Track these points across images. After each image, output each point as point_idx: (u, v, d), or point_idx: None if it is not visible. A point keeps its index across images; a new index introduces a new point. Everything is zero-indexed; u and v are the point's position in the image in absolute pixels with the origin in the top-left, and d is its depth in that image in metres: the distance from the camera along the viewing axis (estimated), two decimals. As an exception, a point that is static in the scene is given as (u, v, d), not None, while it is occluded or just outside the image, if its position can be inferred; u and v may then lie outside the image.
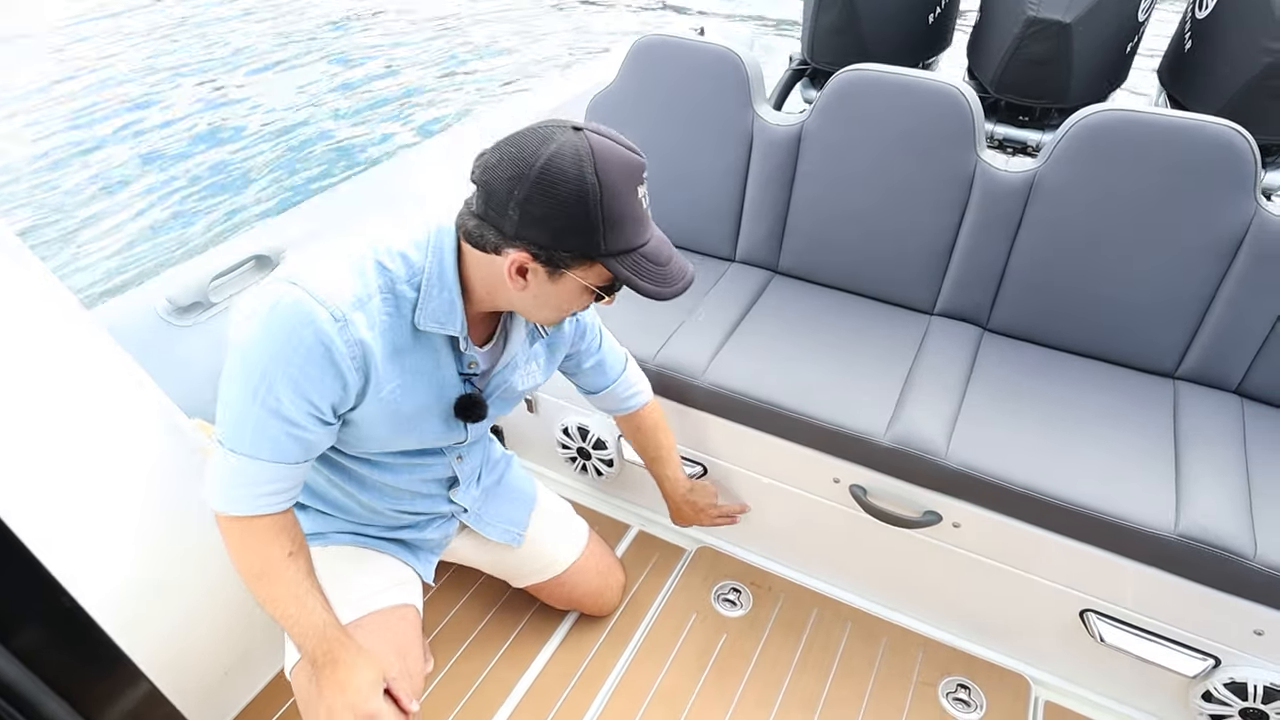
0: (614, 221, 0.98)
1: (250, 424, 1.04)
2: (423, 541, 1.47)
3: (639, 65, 2.03)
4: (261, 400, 1.02)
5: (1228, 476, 1.47)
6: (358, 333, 1.03)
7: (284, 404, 1.03)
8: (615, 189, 0.97)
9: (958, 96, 1.72)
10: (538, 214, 0.97)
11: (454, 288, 1.09)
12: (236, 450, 1.06)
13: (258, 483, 1.09)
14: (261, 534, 1.13)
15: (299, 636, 1.17)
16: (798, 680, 1.72)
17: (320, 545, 1.36)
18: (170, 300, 1.68)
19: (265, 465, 1.07)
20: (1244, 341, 1.64)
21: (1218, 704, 1.51)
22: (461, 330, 1.12)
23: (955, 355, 1.77)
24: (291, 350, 1.00)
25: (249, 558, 1.14)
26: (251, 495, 1.10)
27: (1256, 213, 1.55)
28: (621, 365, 1.56)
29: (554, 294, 1.07)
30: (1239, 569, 1.36)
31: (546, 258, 1.01)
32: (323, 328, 1.00)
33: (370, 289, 1.05)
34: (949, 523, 1.62)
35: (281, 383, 1.01)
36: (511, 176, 0.97)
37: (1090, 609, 1.57)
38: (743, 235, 2.08)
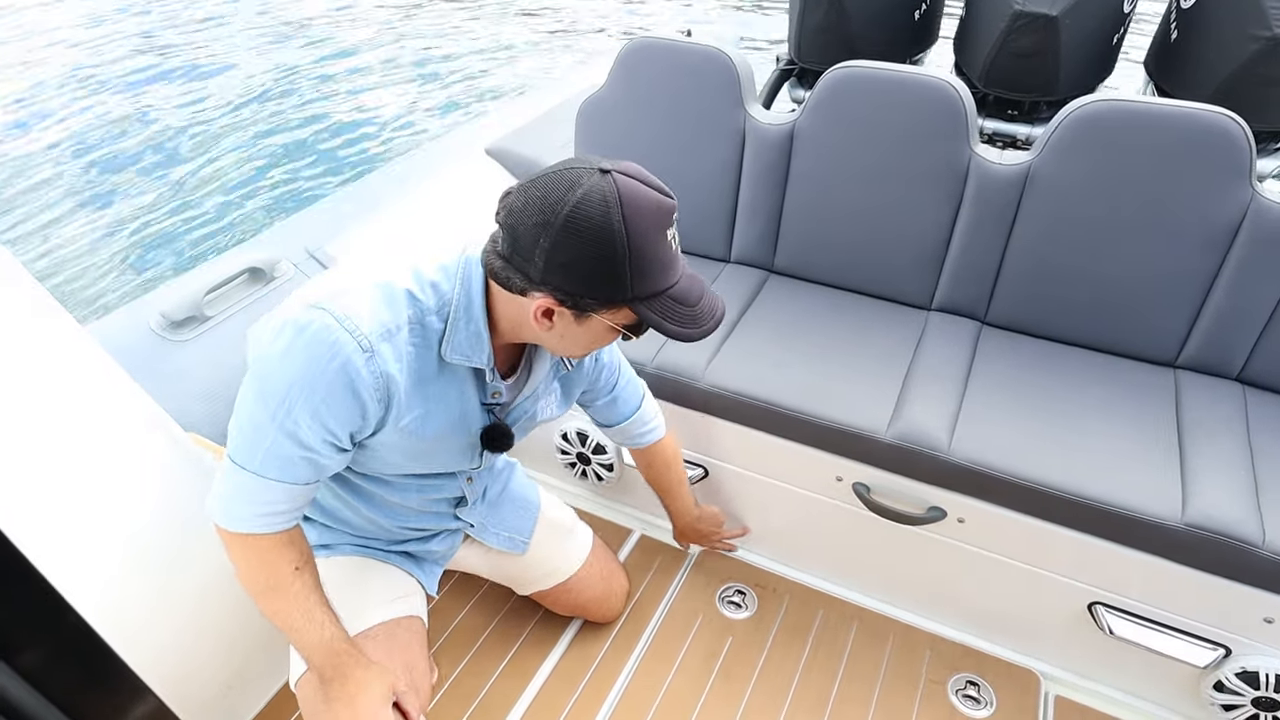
0: (641, 268, 0.96)
1: (265, 444, 1.02)
2: (428, 553, 1.46)
3: (629, 68, 2.02)
4: (280, 423, 1.00)
5: (1233, 464, 1.47)
6: (384, 365, 1.02)
7: (301, 429, 1.01)
8: (644, 235, 0.95)
9: (950, 91, 1.72)
10: (563, 261, 0.95)
11: (481, 320, 1.07)
12: (246, 467, 1.05)
13: (263, 501, 1.07)
14: (267, 550, 1.11)
15: (306, 650, 1.16)
16: (805, 681, 1.70)
17: (326, 556, 1.35)
18: (164, 315, 1.67)
19: (273, 484, 1.06)
20: (1244, 328, 1.64)
21: (1230, 694, 1.50)
22: (488, 363, 1.11)
23: (954, 350, 1.76)
24: (316, 377, 0.99)
25: (254, 573, 1.12)
26: (256, 514, 1.08)
27: (1253, 199, 1.55)
28: (638, 401, 1.55)
29: (580, 334, 1.05)
30: (1247, 557, 1.35)
31: (573, 303, 0.99)
32: (350, 358, 0.99)
33: (400, 320, 1.04)
34: (953, 519, 1.61)
35: (302, 408, 1.00)
36: (537, 223, 0.94)
37: (1098, 601, 1.56)
38: (737, 236, 2.07)
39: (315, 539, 1.35)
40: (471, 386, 1.16)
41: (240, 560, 1.12)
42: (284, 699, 1.67)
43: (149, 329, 1.66)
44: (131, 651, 1.30)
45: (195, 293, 1.68)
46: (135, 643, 1.32)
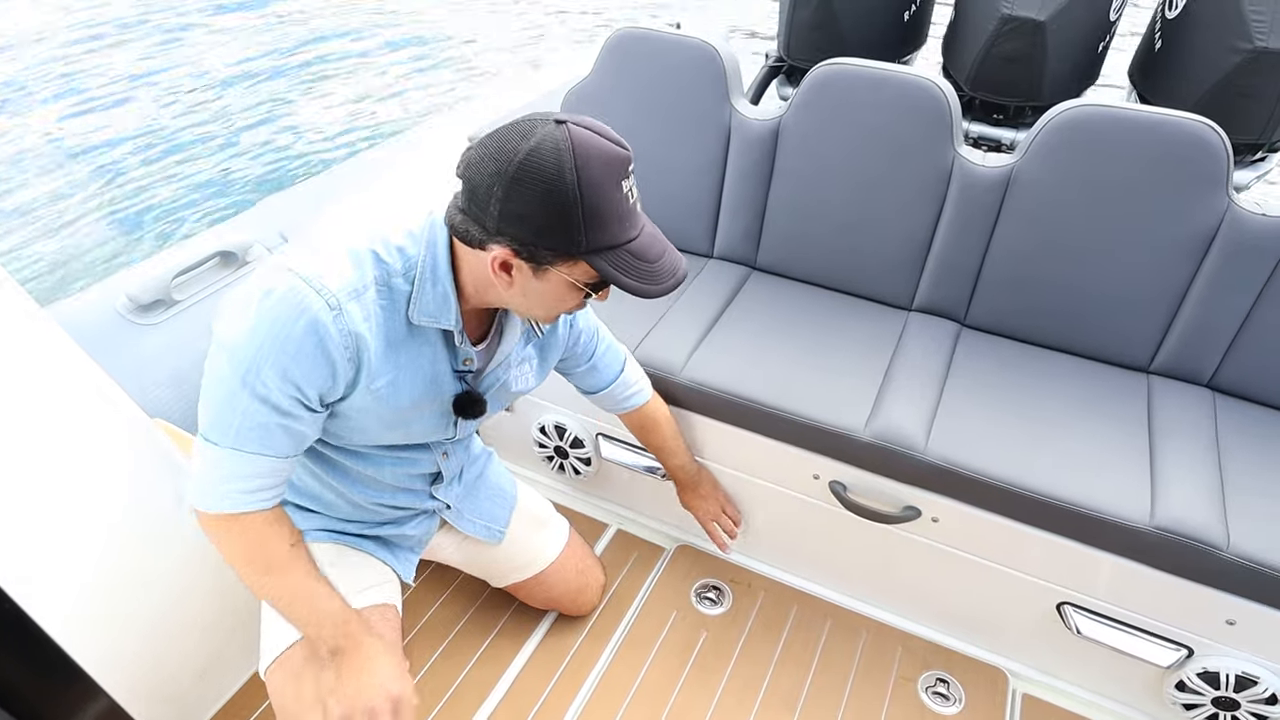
0: (595, 218, 0.96)
1: (237, 414, 1.01)
2: (403, 539, 1.45)
3: (615, 58, 2.01)
4: (250, 388, 0.99)
5: (1201, 469, 1.49)
6: (352, 324, 1.01)
7: (272, 391, 1.00)
8: (596, 184, 0.95)
9: (935, 91, 1.73)
10: (517, 210, 0.95)
11: (447, 281, 1.07)
12: (221, 444, 1.03)
13: (246, 477, 1.06)
14: (258, 530, 1.10)
15: (314, 625, 1.15)
16: (778, 677, 1.71)
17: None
18: (131, 298, 1.64)
19: (252, 458, 1.04)
20: (1216, 336, 1.66)
21: (1191, 693, 1.53)
22: (456, 325, 1.11)
23: (933, 351, 1.77)
24: (284, 336, 0.98)
25: (250, 555, 1.11)
26: (240, 491, 1.06)
27: (1229, 208, 1.57)
28: (619, 367, 1.55)
29: (541, 291, 1.05)
30: (1212, 560, 1.38)
31: (529, 254, 0.99)
32: (317, 315, 0.98)
33: (366, 280, 1.04)
34: (928, 518, 1.63)
35: (270, 369, 0.98)
36: (492, 172, 0.95)
37: (1067, 602, 1.58)
38: (720, 231, 2.07)
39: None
40: (443, 352, 1.15)
41: (228, 545, 1.10)
42: (246, 696, 1.64)
43: (114, 312, 1.63)
44: (82, 648, 1.27)
45: (163, 275, 1.65)
46: (87, 639, 1.28)
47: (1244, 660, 1.46)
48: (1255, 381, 1.67)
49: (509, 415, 2.06)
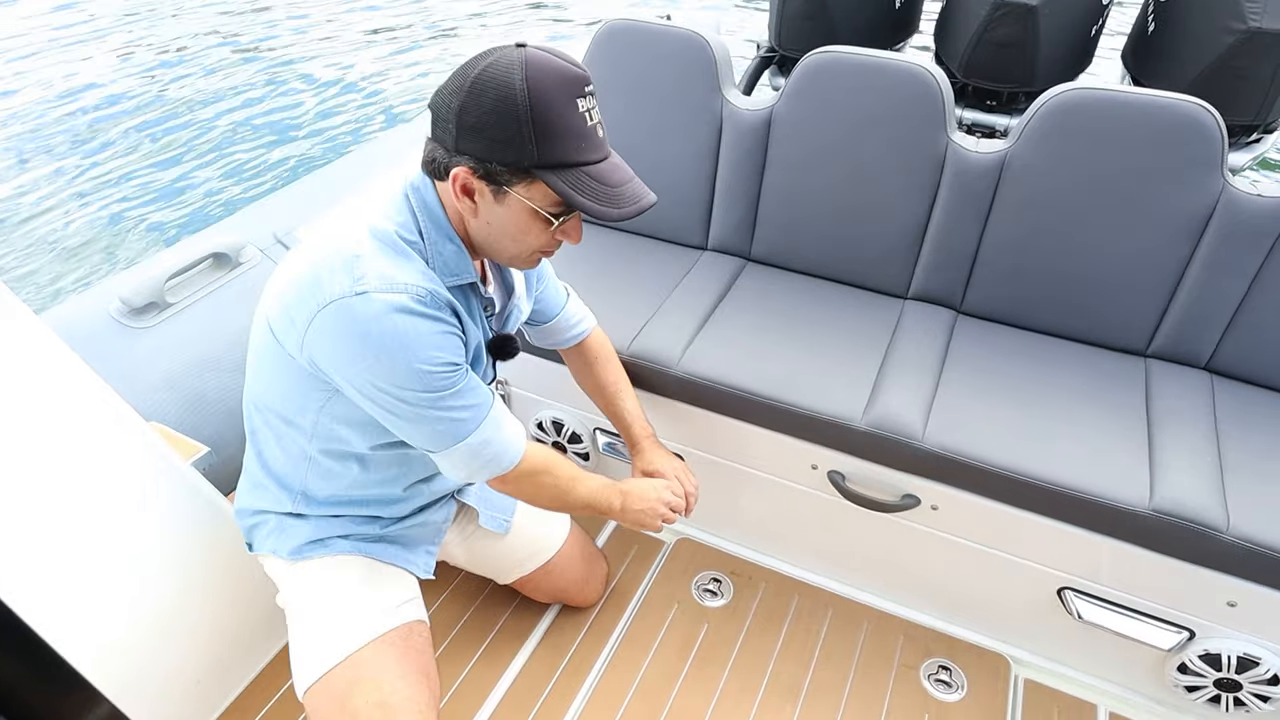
0: (546, 130, 0.97)
1: (465, 398, 1.11)
2: (424, 528, 1.44)
3: (605, 51, 2.00)
4: (450, 382, 1.08)
5: (1199, 452, 1.49)
6: (443, 297, 1.07)
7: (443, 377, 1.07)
8: (546, 95, 0.96)
9: (927, 78, 1.72)
10: (471, 122, 0.97)
11: (454, 235, 1.10)
12: (479, 420, 1.14)
13: (506, 420, 1.20)
14: (549, 460, 1.29)
15: (603, 497, 1.38)
16: (780, 668, 1.71)
17: (323, 554, 1.32)
18: (124, 301, 1.63)
19: (492, 407, 1.16)
20: (1212, 319, 1.66)
21: (1193, 675, 1.53)
22: (476, 274, 1.14)
23: (930, 339, 1.77)
24: (415, 339, 1.03)
25: (548, 473, 1.28)
26: (516, 432, 1.23)
27: (1224, 190, 1.57)
28: (563, 299, 1.56)
29: (505, 219, 1.05)
30: (1212, 542, 1.38)
31: (485, 171, 1.00)
32: (420, 308, 1.03)
33: (418, 260, 1.07)
34: (927, 506, 1.63)
35: (428, 370, 1.05)
36: (452, 92, 0.98)
37: (1068, 587, 1.58)
38: (714, 223, 2.06)
39: (311, 533, 1.31)
40: (473, 303, 1.18)
41: (543, 472, 1.27)
42: (245, 701, 1.63)
43: (108, 315, 1.62)
44: (81, 654, 1.26)
45: (156, 278, 1.65)
46: (86, 644, 1.28)
47: (1245, 641, 1.46)
48: (1253, 363, 1.66)
49: None
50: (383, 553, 1.37)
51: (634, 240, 2.14)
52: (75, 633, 1.26)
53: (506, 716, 1.62)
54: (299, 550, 1.30)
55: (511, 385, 1.99)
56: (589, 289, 1.94)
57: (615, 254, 2.08)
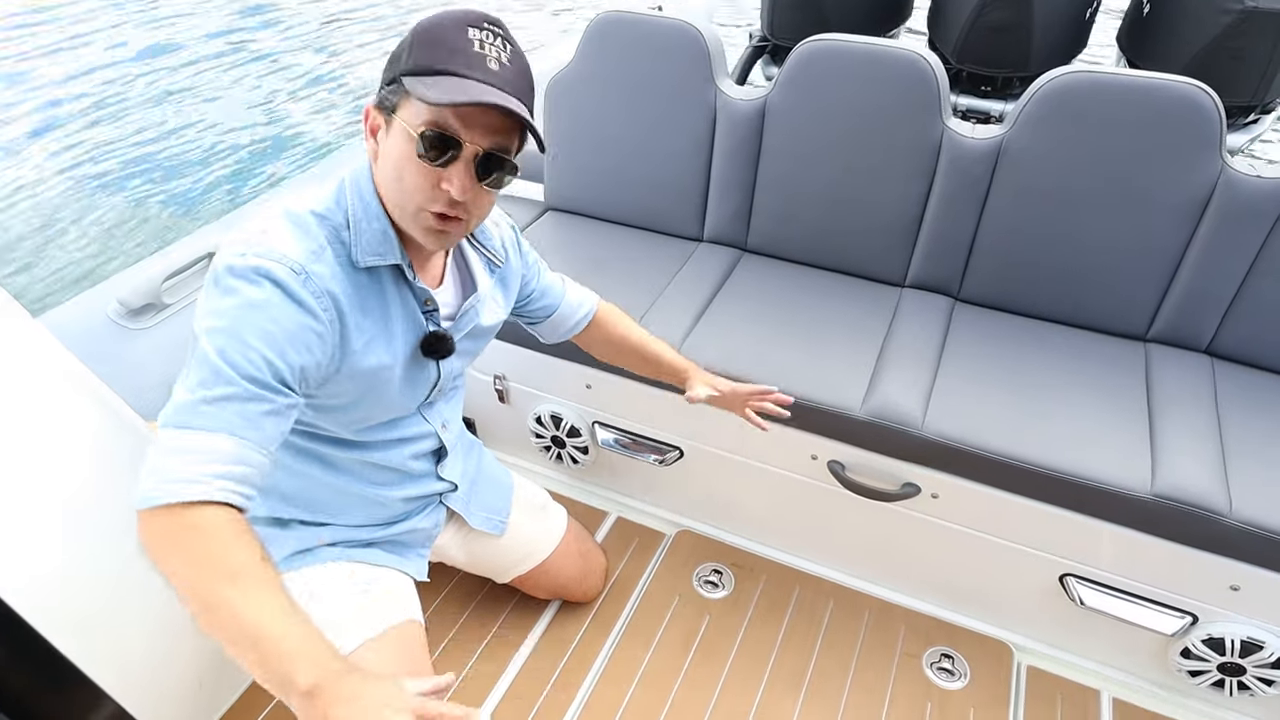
0: (425, 40, 0.97)
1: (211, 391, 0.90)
2: (414, 535, 1.42)
3: (598, 43, 1.99)
4: (230, 361, 0.90)
5: (1201, 436, 1.48)
6: (323, 283, 0.99)
7: (254, 362, 0.92)
8: (438, 18, 0.97)
9: (921, 64, 1.71)
10: (387, 61, 1.01)
11: (382, 217, 1.06)
12: (189, 426, 0.87)
13: (214, 460, 0.87)
14: (220, 528, 0.84)
15: (293, 659, 0.79)
16: (782, 658, 1.71)
17: (311, 565, 1.29)
18: (122, 302, 1.63)
19: (224, 438, 0.88)
20: (1213, 302, 1.65)
21: (1197, 660, 1.53)
22: (403, 258, 1.09)
23: (928, 327, 1.76)
24: (256, 305, 0.93)
25: (211, 558, 0.83)
26: (205, 475, 0.85)
27: (1223, 171, 1.55)
28: (561, 283, 1.53)
29: (389, 153, 1.01)
30: (1214, 526, 1.37)
31: (379, 100, 1.01)
32: (285, 280, 0.95)
33: (320, 241, 1.02)
34: (927, 494, 1.62)
35: (251, 335, 0.92)
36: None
37: (1070, 573, 1.58)
38: (710, 214, 2.05)
39: (296, 544, 1.29)
40: (408, 295, 1.13)
41: (184, 548, 0.83)
42: (251, 698, 1.64)
43: (106, 317, 1.62)
44: (85, 655, 1.25)
45: (153, 279, 1.64)
46: (89, 645, 1.27)
47: (1249, 625, 1.46)
48: (1254, 346, 1.66)
49: (504, 407, 2.05)
50: (373, 557, 1.36)
51: (630, 232, 2.13)
52: (79, 633, 1.26)
53: (510, 712, 1.61)
54: (286, 562, 1.29)
55: (510, 380, 1.98)
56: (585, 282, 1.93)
57: (611, 246, 2.07)
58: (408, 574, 1.41)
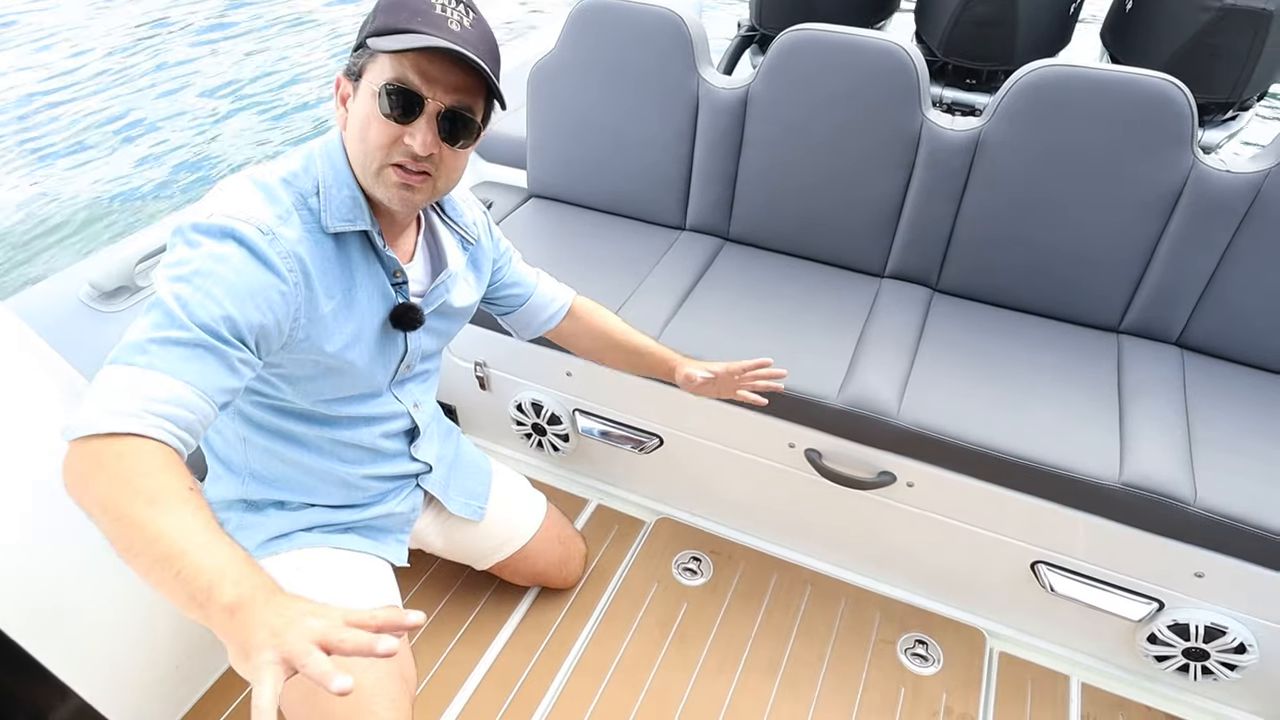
0: (388, 7, 0.98)
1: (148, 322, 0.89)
2: (391, 519, 1.42)
3: (579, 31, 1.98)
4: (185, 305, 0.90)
5: (1169, 426, 1.51)
6: (290, 245, 1.00)
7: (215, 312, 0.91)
8: None
9: (902, 55, 1.71)
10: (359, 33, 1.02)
11: (352, 184, 1.07)
12: (132, 363, 0.85)
13: (154, 397, 0.84)
14: (151, 457, 0.81)
15: (218, 573, 0.74)
16: (759, 645, 1.73)
17: (288, 549, 1.29)
18: (94, 285, 1.61)
19: (167, 379, 0.86)
20: (1183, 295, 1.67)
21: (1163, 645, 1.55)
22: (372, 225, 1.09)
23: (906, 317, 1.78)
24: (224, 254, 0.94)
25: (132, 482, 0.79)
26: (141, 409, 0.83)
27: (1194, 166, 1.57)
28: (535, 275, 1.53)
29: (355, 114, 1.03)
30: (1180, 514, 1.40)
31: (347, 68, 1.03)
32: (251, 239, 0.96)
33: (286, 205, 1.02)
34: (903, 482, 1.64)
35: (215, 281, 0.92)
36: None
37: (1041, 560, 1.60)
38: (692, 203, 2.06)
39: (273, 529, 1.29)
40: (375, 266, 1.13)
41: (106, 474, 0.80)
42: (219, 691, 1.63)
43: (77, 300, 1.60)
44: (46, 649, 1.24)
45: (127, 261, 1.62)
46: (50, 639, 1.26)
47: (1213, 611, 1.49)
48: (1222, 338, 1.68)
49: (485, 394, 2.05)
50: (351, 543, 1.36)
51: (612, 220, 2.13)
52: (40, 626, 1.24)
53: (486, 696, 1.62)
54: (263, 546, 1.28)
55: (490, 367, 1.98)
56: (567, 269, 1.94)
57: (594, 234, 2.07)
58: (386, 559, 1.41)
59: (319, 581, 1.29)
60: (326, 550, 1.33)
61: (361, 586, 1.33)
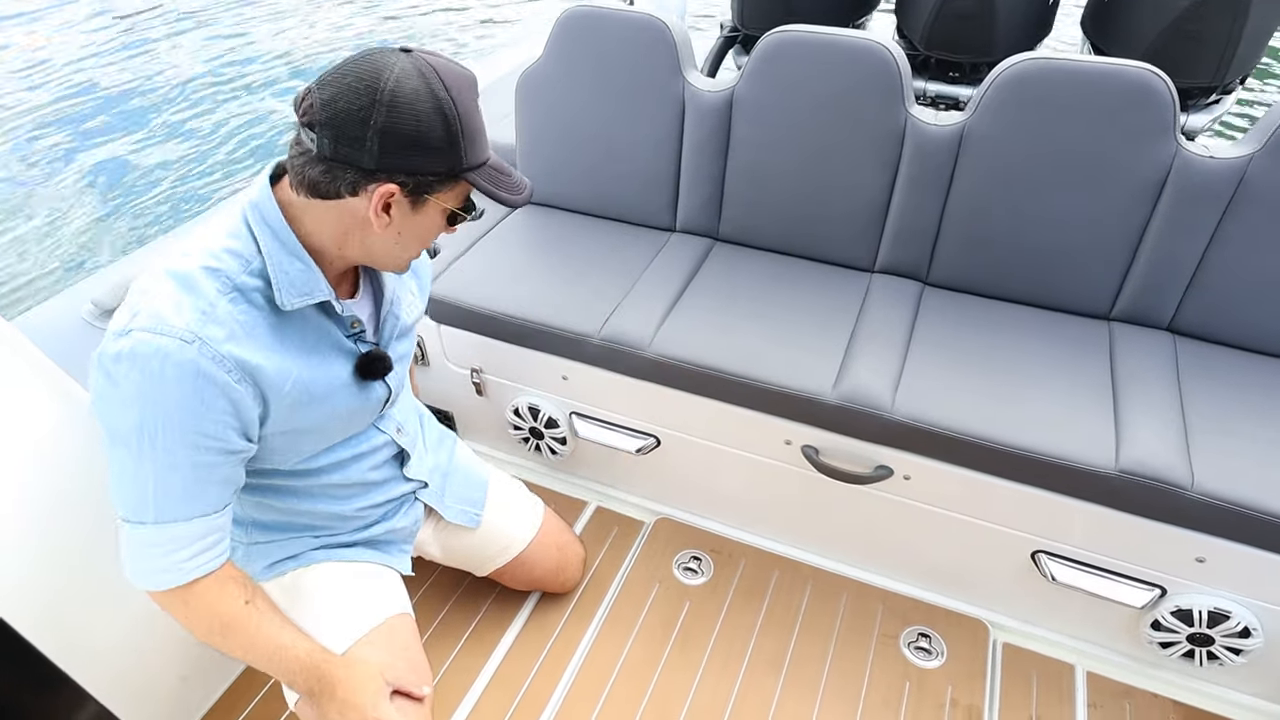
0: (470, 135, 0.98)
1: (149, 490, 0.97)
2: (395, 534, 1.43)
3: (566, 38, 1.99)
4: (152, 460, 0.96)
5: (1164, 412, 1.51)
6: (220, 347, 0.95)
7: (178, 454, 0.96)
8: (466, 102, 0.96)
9: (883, 53, 1.72)
10: (401, 139, 0.92)
11: (302, 253, 1.02)
12: (144, 522, 0.99)
13: (180, 547, 1.02)
14: (206, 595, 1.06)
15: (287, 676, 1.13)
16: (762, 642, 1.73)
17: (295, 568, 1.30)
18: (96, 304, 1.61)
19: (181, 526, 1.01)
20: (1173, 280, 1.68)
21: (1167, 631, 1.56)
22: (330, 292, 1.06)
23: (897, 311, 1.78)
24: (159, 396, 0.93)
25: (204, 622, 1.07)
26: (178, 563, 1.02)
27: (1177, 153, 1.58)
28: None
29: (416, 225, 1.03)
30: (1178, 500, 1.40)
31: (414, 185, 0.97)
32: (181, 358, 0.93)
33: (210, 297, 0.97)
34: (900, 476, 1.64)
35: (165, 432, 0.95)
36: (362, 106, 0.90)
37: (1041, 550, 1.60)
38: (681, 204, 2.06)
39: (280, 552, 1.30)
40: (326, 324, 1.10)
41: (181, 615, 1.07)
42: (234, 695, 1.64)
43: (80, 319, 1.60)
44: (67, 656, 1.26)
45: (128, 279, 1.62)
46: (72, 646, 1.28)
47: (1215, 596, 1.49)
48: (1213, 322, 1.69)
49: (481, 400, 2.05)
50: (358, 555, 1.37)
51: (603, 224, 2.14)
52: (59, 632, 1.26)
53: (492, 702, 1.62)
54: (271, 569, 1.30)
55: (486, 373, 1.98)
56: (559, 274, 1.95)
57: (585, 238, 2.08)
58: (393, 569, 1.42)
59: (332, 597, 1.30)
60: (336, 564, 1.34)
61: (374, 597, 1.34)
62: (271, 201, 1.01)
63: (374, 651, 1.25)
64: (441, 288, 1.91)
